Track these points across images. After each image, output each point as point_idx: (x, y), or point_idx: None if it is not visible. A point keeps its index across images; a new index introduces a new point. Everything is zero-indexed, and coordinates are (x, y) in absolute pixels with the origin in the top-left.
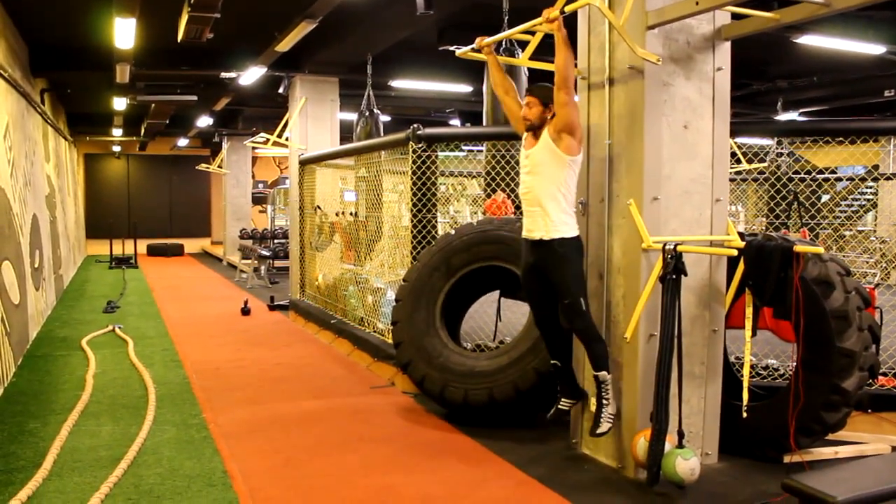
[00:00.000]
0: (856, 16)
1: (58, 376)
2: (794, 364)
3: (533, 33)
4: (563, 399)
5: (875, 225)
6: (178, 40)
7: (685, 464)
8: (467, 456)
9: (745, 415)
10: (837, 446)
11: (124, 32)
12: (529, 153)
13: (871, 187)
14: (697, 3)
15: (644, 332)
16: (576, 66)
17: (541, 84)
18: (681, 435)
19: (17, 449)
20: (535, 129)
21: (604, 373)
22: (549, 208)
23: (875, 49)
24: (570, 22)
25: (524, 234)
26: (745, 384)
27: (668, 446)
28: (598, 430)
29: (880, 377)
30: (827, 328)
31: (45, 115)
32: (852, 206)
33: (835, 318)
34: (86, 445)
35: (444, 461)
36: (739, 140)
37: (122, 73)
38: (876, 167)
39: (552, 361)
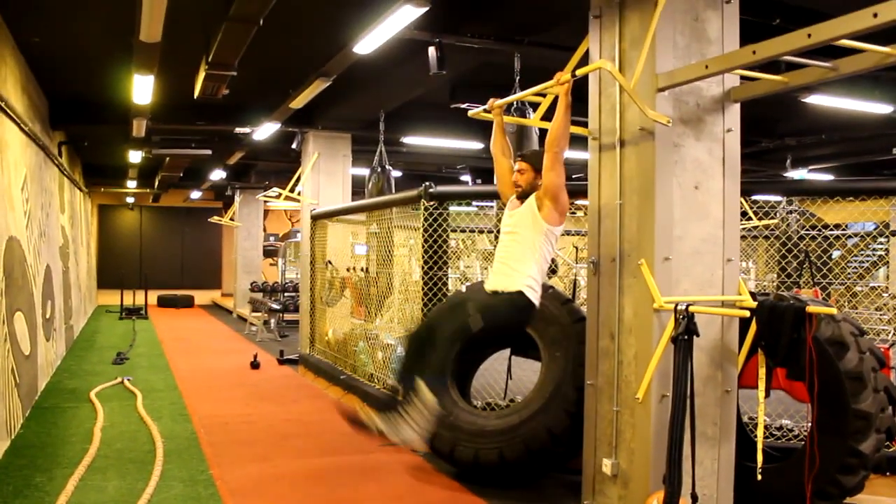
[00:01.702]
0: (863, 77)
1: (65, 429)
2: (809, 425)
3: (544, 95)
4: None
5: (888, 282)
6: (195, 96)
7: None
8: None
9: (759, 477)
10: None
11: (142, 89)
12: (512, 213)
13: (882, 244)
14: (707, 67)
15: (656, 392)
16: (586, 125)
17: (535, 150)
18: (694, 498)
19: None
20: (524, 196)
21: None
22: (520, 271)
23: (883, 108)
24: (582, 82)
25: (486, 285)
26: (759, 445)
27: None
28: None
29: None
30: (842, 389)
31: (62, 166)
32: (864, 263)
33: (849, 380)
34: (91, 501)
35: None
36: (750, 197)
37: (139, 128)
38: (887, 225)
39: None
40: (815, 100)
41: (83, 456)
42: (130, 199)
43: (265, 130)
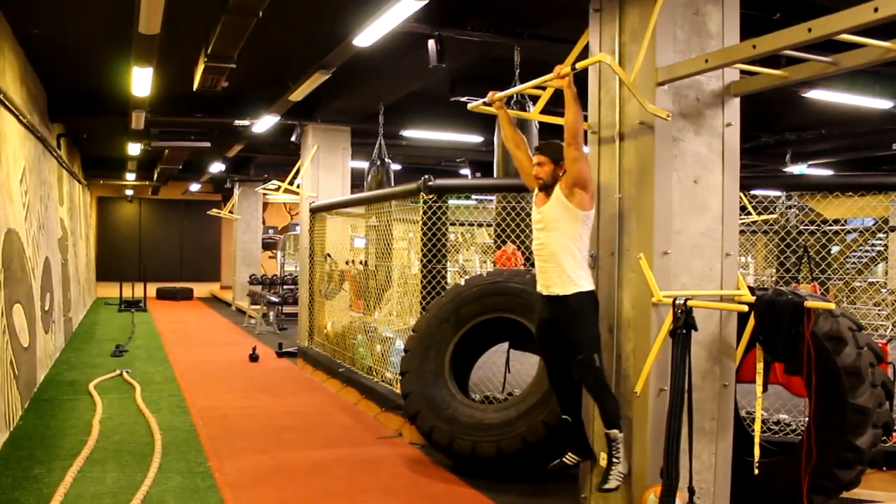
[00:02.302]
0: (863, 72)
1: (64, 421)
2: (806, 420)
3: (544, 88)
4: (569, 453)
5: (886, 277)
6: (194, 89)
7: None
8: None
9: (756, 471)
10: None
11: (141, 81)
12: (542, 210)
13: (881, 240)
14: (707, 61)
15: (654, 386)
16: (585, 119)
17: (550, 142)
18: (691, 491)
19: (20, 496)
20: (547, 187)
21: (615, 431)
22: (564, 263)
23: (882, 104)
24: (582, 76)
25: (539, 289)
26: (757, 440)
27: (678, 503)
28: (605, 486)
29: (894, 434)
30: (839, 384)
31: (61, 159)
32: (862, 258)
33: (847, 375)
34: (90, 493)
35: None
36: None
37: (138, 120)
38: (886, 221)
39: (563, 416)
40: (816, 95)
41: (82, 448)
42: (129, 192)
43: (264, 123)
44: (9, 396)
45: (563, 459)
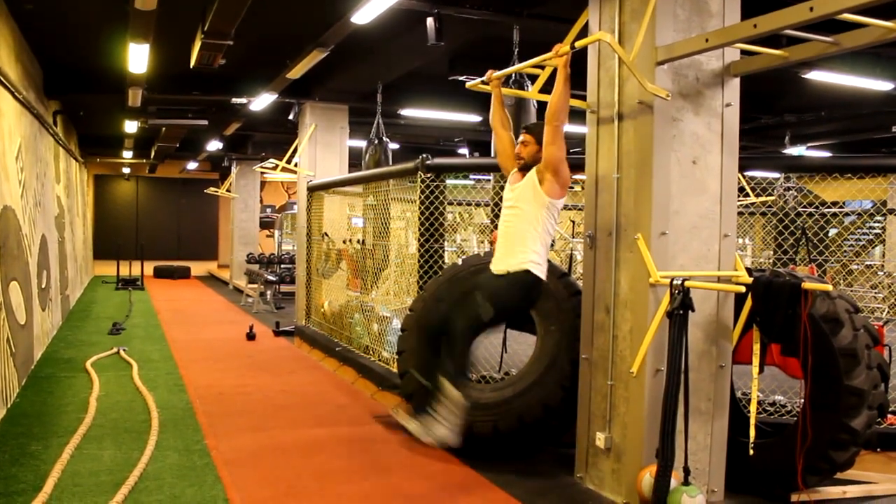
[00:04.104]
0: (864, 53)
1: (61, 398)
2: (802, 401)
3: (543, 67)
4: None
5: (883, 260)
6: (191, 66)
7: (691, 501)
8: (470, 488)
9: (752, 452)
10: (846, 486)
11: (138, 58)
12: (514, 187)
13: (879, 222)
14: (707, 41)
15: (650, 366)
16: (584, 98)
17: (539, 122)
18: (686, 471)
19: (17, 472)
20: (526, 168)
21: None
22: (524, 246)
23: (883, 85)
24: (581, 55)
25: (492, 266)
26: (752, 421)
27: (673, 483)
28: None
29: (889, 416)
30: (835, 366)
31: (58, 136)
32: (860, 241)
33: (843, 356)
34: (87, 469)
35: (447, 493)
36: (747, 173)
37: (135, 97)
38: (884, 203)
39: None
40: (816, 76)
41: (79, 425)
42: (126, 170)
43: (262, 101)
44: (6, 373)
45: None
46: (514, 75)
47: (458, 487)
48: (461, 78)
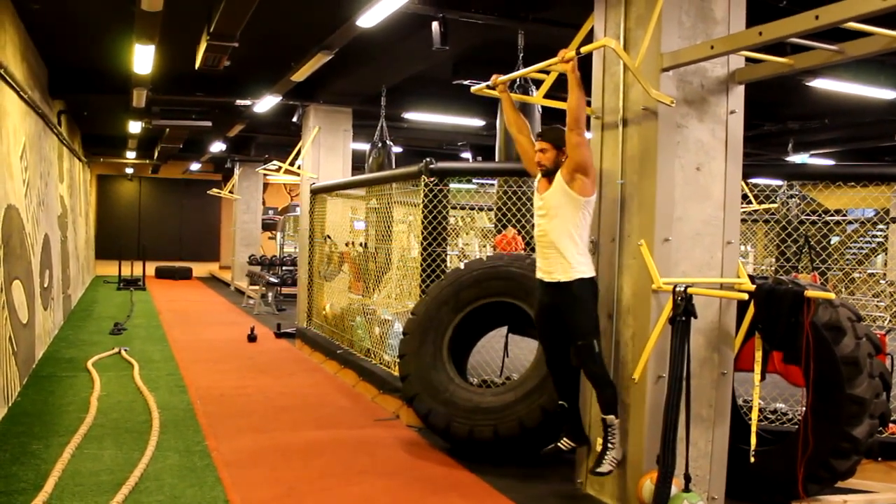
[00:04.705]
0: (868, 61)
1: (62, 397)
2: (804, 409)
3: (548, 72)
4: (564, 439)
5: (885, 269)
6: (196, 67)
7: None
8: (470, 493)
9: (752, 459)
10: (847, 494)
11: (143, 58)
12: (544, 196)
13: (882, 231)
14: (712, 48)
15: (652, 373)
16: (589, 104)
17: (553, 127)
18: (687, 478)
19: (18, 471)
20: (549, 173)
21: (612, 416)
22: (565, 250)
23: (887, 94)
24: (586, 61)
25: (539, 275)
26: (754, 428)
27: (674, 489)
28: (599, 470)
29: (891, 425)
30: (837, 374)
31: (62, 135)
32: (862, 249)
33: (845, 365)
34: (87, 469)
35: (447, 497)
36: (750, 180)
37: (139, 98)
38: (887, 212)
39: (559, 402)
40: (820, 84)
41: (80, 425)
42: (130, 170)
43: (266, 103)
44: (7, 372)
45: (558, 444)
46: (518, 81)
47: (458, 491)
48: (465, 82)
